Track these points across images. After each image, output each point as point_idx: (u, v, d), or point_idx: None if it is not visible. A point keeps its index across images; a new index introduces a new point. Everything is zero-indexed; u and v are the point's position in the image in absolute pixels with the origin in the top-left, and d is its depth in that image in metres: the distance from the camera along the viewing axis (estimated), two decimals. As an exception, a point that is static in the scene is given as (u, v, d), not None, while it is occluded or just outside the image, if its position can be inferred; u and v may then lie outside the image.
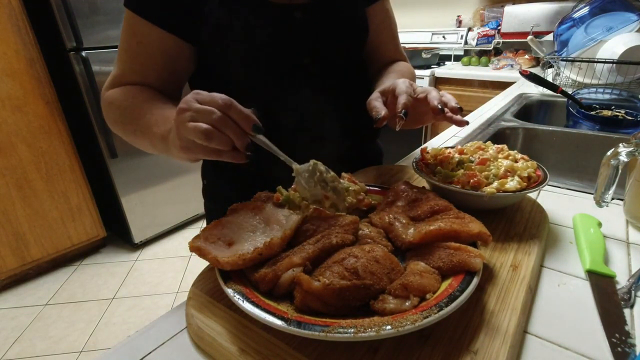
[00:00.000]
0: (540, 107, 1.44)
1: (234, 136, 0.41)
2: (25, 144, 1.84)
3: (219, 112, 0.40)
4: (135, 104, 0.57)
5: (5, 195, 1.81)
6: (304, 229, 0.44)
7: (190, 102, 0.41)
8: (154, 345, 0.39)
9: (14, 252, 1.89)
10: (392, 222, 0.46)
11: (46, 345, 1.61)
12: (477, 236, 0.42)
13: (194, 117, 0.41)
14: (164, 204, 2.31)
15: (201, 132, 0.39)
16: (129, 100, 0.58)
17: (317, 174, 0.49)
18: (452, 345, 0.34)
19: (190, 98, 0.42)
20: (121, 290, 1.94)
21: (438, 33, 2.90)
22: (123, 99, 0.59)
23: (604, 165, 0.54)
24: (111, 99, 0.60)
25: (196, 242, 0.40)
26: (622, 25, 1.28)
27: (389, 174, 0.73)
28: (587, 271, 0.47)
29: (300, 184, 0.49)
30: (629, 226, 0.58)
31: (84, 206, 2.10)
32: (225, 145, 0.41)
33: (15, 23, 1.71)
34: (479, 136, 1.01)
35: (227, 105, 0.41)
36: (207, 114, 0.40)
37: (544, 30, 2.15)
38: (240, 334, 0.36)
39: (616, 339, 0.37)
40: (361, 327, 0.31)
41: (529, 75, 1.24)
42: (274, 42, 0.61)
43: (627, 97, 1.19)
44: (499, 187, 0.52)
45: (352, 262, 0.37)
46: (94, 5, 1.82)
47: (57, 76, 1.90)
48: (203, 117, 0.40)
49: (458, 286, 0.35)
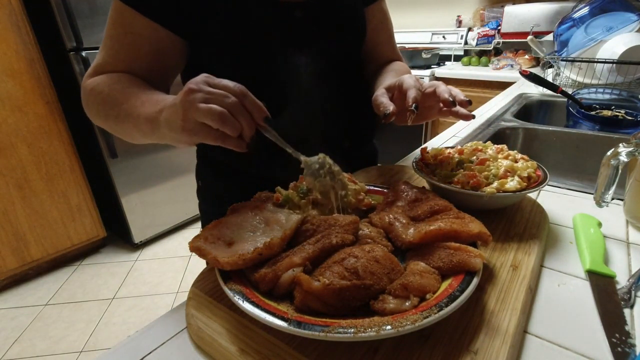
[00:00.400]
0: (540, 107, 1.44)
1: (246, 124, 0.41)
2: (25, 144, 1.84)
3: (234, 98, 0.40)
4: (118, 88, 0.54)
5: (5, 195, 1.81)
6: (304, 229, 0.44)
7: (202, 84, 0.40)
8: (154, 345, 0.39)
9: (14, 252, 1.89)
10: (392, 222, 0.46)
11: (46, 345, 1.61)
12: (477, 236, 0.42)
13: (206, 99, 0.39)
14: (164, 204, 2.31)
15: (217, 114, 0.39)
16: (112, 85, 0.55)
17: (327, 166, 0.50)
18: (452, 345, 0.34)
19: (200, 80, 0.41)
20: (121, 290, 1.94)
21: (438, 33, 2.90)
22: (105, 84, 0.56)
23: (604, 165, 0.54)
24: (92, 85, 0.57)
25: (196, 242, 0.40)
26: (622, 25, 1.28)
27: (389, 174, 0.73)
28: (587, 271, 0.47)
29: (309, 175, 0.49)
30: (629, 226, 0.58)
31: (84, 206, 2.10)
32: (235, 132, 0.41)
33: (15, 23, 1.71)
34: (479, 136, 1.01)
35: (243, 93, 0.40)
36: (222, 98, 0.39)
37: (544, 30, 2.15)
38: (240, 334, 0.36)
39: (616, 339, 0.37)
40: (361, 327, 0.31)
41: (529, 75, 1.24)
42: (273, 40, 0.61)
43: (627, 97, 1.19)
44: (499, 187, 0.52)
45: (352, 262, 0.37)
46: (94, 5, 1.82)
47: (57, 76, 1.90)
48: (217, 100, 0.39)
49: (458, 286, 0.35)
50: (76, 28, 1.78)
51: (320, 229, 0.44)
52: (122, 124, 0.54)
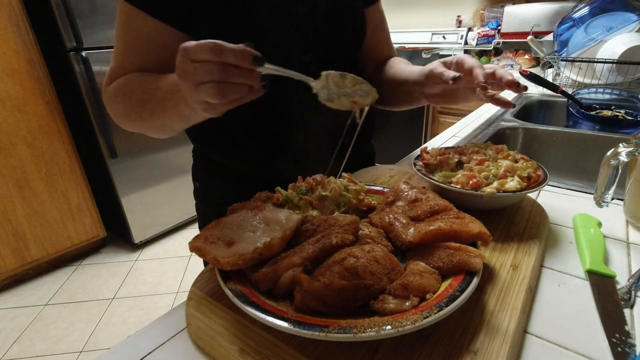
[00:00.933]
0: (540, 107, 1.44)
1: (244, 80, 0.40)
2: (25, 144, 1.84)
3: (216, 65, 0.38)
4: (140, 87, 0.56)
5: (5, 195, 1.81)
6: (304, 229, 0.44)
7: (184, 63, 0.40)
8: (154, 345, 0.39)
9: (14, 252, 1.89)
10: (392, 222, 0.46)
11: (46, 345, 1.61)
12: (477, 236, 0.42)
13: (196, 79, 0.39)
14: (164, 204, 2.31)
15: (214, 94, 0.38)
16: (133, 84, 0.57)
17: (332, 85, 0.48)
18: (452, 345, 0.34)
19: (181, 59, 0.40)
20: (121, 290, 1.94)
21: (438, 33, 2.90)
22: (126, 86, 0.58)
23: (604, 165, 0.54)
24: (114, 91, 0.60)
25: (196, 242, 0.40)
26: (622, 25, 1.28)
27: (389, 174, 0.73)
28: (587, 271, 0.47)
29: (325, 100, 0.48)
30: (629, 226, 0.58)
31: (84, 206, 2.10)
32: (241, 92, 0.40)
33: (15, 23, 1.71)
34: (479, 136, 1.01)
35: (218, 51, 0.38)
36: (207, 72, 0.38)
37: (544, 30, 2.15)
38: (240, 334, 0.36)
39: (616, 339, 0.37)
40: (361, 327, 0.31)
41: (529, 75, 1.24)
42: (275, 35, 0.61)
43: (627, 97, 1.19)
44: (499, 187, 0.52)
45: (352, 262, 0.37)
46: (94, 5, 1.82)
47: (57, 76, 1.90)
48: (205, 76, 0.39)
49: (458, 286, 0.35)
50: (76, 28, 1.77)
51: (320, 229, 0.44)
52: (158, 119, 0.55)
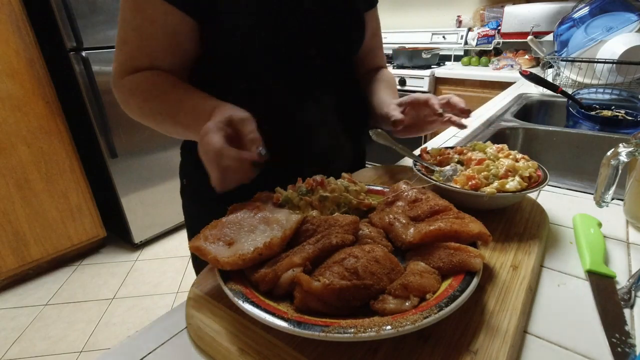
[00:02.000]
0: (540, 107, 1.44)
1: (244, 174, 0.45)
2: (25, 144, 1.84)
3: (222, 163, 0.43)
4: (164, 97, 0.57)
5: (5, 195, 1.81)
6: (304, 229, 0.44)
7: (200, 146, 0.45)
8: (154, 345, 0.39)
9: (14, 252, 1.89)
10: (392, 222, 0.46)
11: (46, 345, 1.61)
12: (477, 236, 0.42)
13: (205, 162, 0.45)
14: (164, 204, 2.31)
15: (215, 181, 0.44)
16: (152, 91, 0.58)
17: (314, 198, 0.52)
18: (452, 345, 0.34)
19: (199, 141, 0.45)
20: (121, 291, 1.94)
21: (438, 33, 2.90)
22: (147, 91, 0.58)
23: (604, 166, 0.54)
24: (129, 90, 0.59)
25: (196, 242, 0.40)
26: (622, 25, 1.28)
27: (389, 174, 0.73)
28: (587, 271, 0.47)
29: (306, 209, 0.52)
30: (629, 226, 0.58)
31: (83, 206, 2.10)
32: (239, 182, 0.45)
33: (15, 23, 1.71)
34: (479, 136, 1.01)
35: (219, 154, 0.43)
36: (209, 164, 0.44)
37: (544, 30, 2.15)
38: (240, 334, 0.36)
39: (616, 339, 0.37)
40: (361, 327, 0.31)
41: (529, 75, 1.24)
42: (282, 29, 0.61)
43: (627, 97, 1.19)
44: (499, 187, 0.52)
45: (352, 262, 0.37)
46: (94, 5, 1.82)
47: (57, 76, 1.90)
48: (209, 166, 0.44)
49: (458, 286, 0.35)
50: (76, 28, 1.77)
51: (320, 229, 0.44)
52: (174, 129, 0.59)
